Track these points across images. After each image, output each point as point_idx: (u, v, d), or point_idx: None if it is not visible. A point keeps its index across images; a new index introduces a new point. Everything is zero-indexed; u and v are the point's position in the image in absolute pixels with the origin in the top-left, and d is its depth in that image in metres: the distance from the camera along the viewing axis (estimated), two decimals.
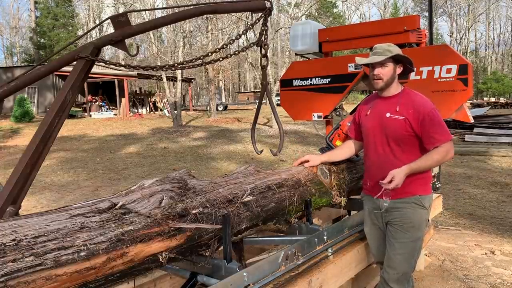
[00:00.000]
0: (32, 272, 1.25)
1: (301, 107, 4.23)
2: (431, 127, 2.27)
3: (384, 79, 2.37)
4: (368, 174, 2.57)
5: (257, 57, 20.44)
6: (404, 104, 2.36)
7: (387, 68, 2.35)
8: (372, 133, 2.48)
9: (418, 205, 2.37)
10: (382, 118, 2.41)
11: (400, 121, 2.33)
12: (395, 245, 2.39)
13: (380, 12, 52.65)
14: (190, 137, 16.39)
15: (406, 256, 2.38)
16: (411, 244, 2.38)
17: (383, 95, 2.46)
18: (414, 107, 2.32)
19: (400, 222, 2.38)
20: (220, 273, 1.91)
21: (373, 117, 2.48)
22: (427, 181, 2.44)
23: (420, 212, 2.38)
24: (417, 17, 3.90)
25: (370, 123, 2.50)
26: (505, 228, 5.28)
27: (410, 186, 2.34)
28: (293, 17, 20.61)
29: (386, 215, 2.43)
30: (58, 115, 2.30)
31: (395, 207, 2.38)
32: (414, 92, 2.44)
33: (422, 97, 2.40)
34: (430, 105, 2.34)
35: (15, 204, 2.21)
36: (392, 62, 2.36)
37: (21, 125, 19.50)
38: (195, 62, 2.59)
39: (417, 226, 2.38)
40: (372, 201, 2.50)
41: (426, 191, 2.42)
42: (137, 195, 1.77)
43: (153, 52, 22.71)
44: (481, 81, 44.63)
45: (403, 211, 2.37)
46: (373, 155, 2.49)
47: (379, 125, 2.43)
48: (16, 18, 52.33)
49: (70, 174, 10.32)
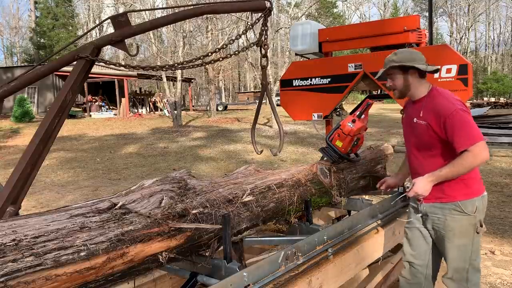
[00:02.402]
0: (32, 272, 1.25)
1: (301, 107, 4.22)
2: (453, 131, 2.15)
3: (397, 88, 2.36)
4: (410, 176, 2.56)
5: (257, 57, 20.43)
6: (427, 108, 2.29)
7: (397, 78, 2.34)
8: (407, 137, 2.49)
9: (459, 211, 2.25)
10: (411, 123, 2.39)
11: (423, 126, 2.28)
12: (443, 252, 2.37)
13: (380, 12, 52.66)
14: (190, 137, 16.39)
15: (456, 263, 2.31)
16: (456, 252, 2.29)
17: (412, 99, 2.42)
18: (434, 111, 2.23)
19: (441, 229, 2.32)
20: (220, 273, 1.91)
21: (406, 121, 2.48)
22: (468, 183, 2.27)
23: (460, 219, 2.25)
24: (417, 17, 3.90)
25: (404, 127, 2.52)
26: (505, 228, 5.28)
27: (449, 190, 2.24)
28: (293, 17, 20.61)
29: (426, 218, 2.39)
30: (58, 115, 2.30)
31: (434, 213, 2.33)
32: (439, 93, 2.31)
33: (446, 98, 2.25)
34: (452, 106, 2.18)
35: (15, 204, 2.21)
36: (400, 70, 2.32)
37: (21, 125, 19.50)
38: (195, 62, 2.59)
39: (458, 233, 2.27)
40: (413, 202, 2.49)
41: (469, 195, 2.26)
42: (137, 195, 1.77)
43: (153, 52, 22.70)
44: (481, 81, 44.62)
45: (442, 217, 2.30)
46: (410, 158, 2.49)
47: (410, 130, 2.43)
48: (16, 18, 52.32)
49: (70, 174, 10.32)
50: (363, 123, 2.96)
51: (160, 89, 34.87)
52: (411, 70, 2.31)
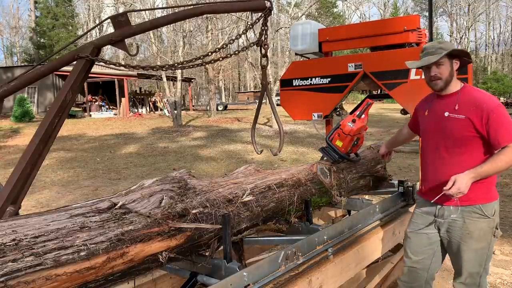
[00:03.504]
0: (32, 272, 1.25)
1: (301, 107, 4.23)
2: (497, 126, 2.07)
3: (443, 77, 2.22)
4: (425, 177, 2.43)
5: (257, 57, 20.42)
6: (464, 101, 2.19)
7: (443, 66, 2.21)
8: (431, 133, 2.35)
9: (480, 214, 2.21)
10: (441, 118, 2.26)
11: (461, 121, 2.17)
12: (457, 257, 2.30)
13: (380, 12, 52.62)
14: (190, 137, 16.38)
15: (473, 264, 2.26)
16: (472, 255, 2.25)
17: (442, 94, 2.31)
18: (476, 104, 2.14)
19: (459, 233, 2.25)
20: (220, 273, 1.91)
21: (431, 117, 2.35)
22: (490, 186, 2.25)
23: (480, 222, 2.21)
24: (417, 16, 3.90)
25: (428, 124, 2.37)
26: (505, 228, 5.27)
27: (471, 193, 2.13)
28: (293, 17, 20.61)
29: (442, 221, 2.30)
30: (58, 115, 2.30)
31: (452, 216, 2.26)
32: (476, 89, 2.27)
33: (485, 93, 2.23)
34: (495, 101, 2.15)
35: (15, 204, 2.21)
36: (447, 59, 2.21)
37: (21, 125, 19.50)
38: (195, 62, 2.59)
39: (477, 237, 2.22)
40: (427, 205, 2.38)
41: (489, 198, 2.24)
42: (137, 195, 1.77)
43: (153, 52, 22.69)
44: (481, 81, 44.59)
45: (460, 222, 2.23)
46: (431, 157, 2.35)
47: (437, 126, 2.29)
48: (16, 18, 52.31)
49: (70, 174, 10.31)
50: (363, 123, 2.96)
51: (160, 89, 34.84)
52: (455, 60, 2.26)
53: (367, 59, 3.79)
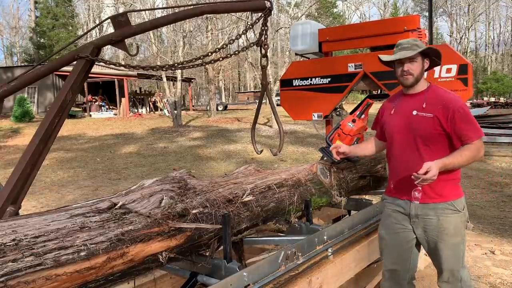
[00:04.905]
0: (32, 272, 1.25)
1: (301, 107, 4.23)
2: (463, 124, 2.15)
3: (415, 74, 2.27)
4: (393, 176, 2.44)
5: (257, 57, 20.42)
6: (431, 100, 2.26)
7: (416, 63, 2.27)
8: (398, 132, 2.37)
9: (452, 210, 2.26)
10: (409, 116, 2.30)
11: (429, 119, 2.23)
12: (436, 254, 2.31)
13: (380, 12, 52.63)
14: (190, 137, 16.38)
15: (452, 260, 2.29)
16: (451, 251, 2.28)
17: (409, 92, 2.35)
18: (443, 103, 2.21)
19: (434, 231, 2.27)
20: (220, 273, 1.91)
21: (398, 116, 2.38)
22: (457, 183, 2.31)
23: (454, 218, 2.27)
24: (417, 16, 3.90)
25: (395, 122, 2.39)
26: (505, 228, 5.28)
27: (442, 189, 2.24)
28: (293, 17, 20.61)
29: (416, 221, 2.31)
30: (58, 115, 2.30)
31: (426, 214, 2.28)
32: (442, 89, 2.33)
33: (451, 93, 2.30)
34: (461, 101, 2.23)
35: (15, 204, 2.21)
36: (420, 57, 2.28)
37: (21, 125, 19.49)
38: (195, 62, 2.59)
39: (453, 232, 2.27)
40: (397, 203, 2.39)
41: (458, 194, 2.30)
42: (137, 195, 1.77)
43: (153, 52, 22.69)
44: (481, 81, 44.60)
45: (435, 220, 2.26)
46: (399, 155, 2.37)
47: (405, 124, 2.32)
48: (16, 18, 52.29)
49: (70, 174, 10.31)
50: (363, 123, 2.96)
51: (160, 89, 34.85)
52: (426, 60, 2.32)
53: (367, 59, 3.79)
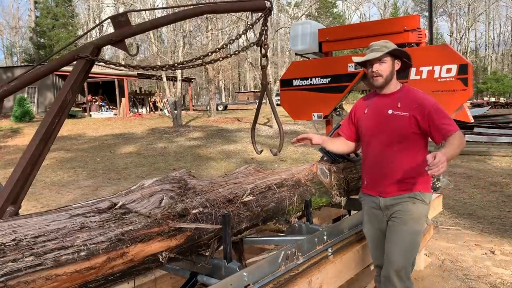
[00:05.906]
0: (32, 272, 1.25)
1: (301, 107, 4.23)
2: (441, 119, 2.22)
3: (384, 75, 2.33)
4: (367, 173, 2.51)
5: (257, 57, 20.42)
6: (406, 100, 2.32)
7: (386, 64, 2.32)
8: (372, 131, 2.42)
9: (418, 199, 2.33)
10: (384, 115, 2.36)
11: (405, 118, 2.28)
12: (393, 238, 2.35)
13: (380, 12, 52.61)
14: (190, 137, 16.38)
15: (404, 249, 2.33)
16: (409, 236, 2.33)
17: (382, 92, 2.41)
18: (418, 102, 2.28)
19: (399, 214, 2.34)
20: (220, 273, 1.91)
21: (372, 115, 2.43)
22: (427, 180, 2.40)
23: (419, 205, 2.34)
24: (417, 16, 3.90)
25: (369, 122, 2.44)
26: (505, 228, 5.28)
27: (412, 184, 2.32)
28: (293, 17, 20.61)
29: (386, 212, 2.39)
30: (58, 115, 2.30)
31: (394, 204, 2.36)
32: (415, 89, 2.41)
33: (423, 93, 2.38)
34: (433, 99, 2.32)
35: (15, 204, 2.21)
36: (390, 58, 2.34)
37: (21, 125, 19.49)
38: (195, 62, 2.59)
39: (416, 218, 2.34)
40: (371, 200, 2.46)
41: (426, 189, 2.39)
42: (137, 195, 1.77)
43: (153, 52, 22.68)
44: (481, 81, 44.58)
45: (403, 204, 2.34)
46: (373, 153, 2.42)
47: (380, 123, 2.38)
48: (16, 18, 52.28)
49: (70, 174, 10.32)
50: None
51: (160, 89, 34.85)
52: (397, 61, 2.38)
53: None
